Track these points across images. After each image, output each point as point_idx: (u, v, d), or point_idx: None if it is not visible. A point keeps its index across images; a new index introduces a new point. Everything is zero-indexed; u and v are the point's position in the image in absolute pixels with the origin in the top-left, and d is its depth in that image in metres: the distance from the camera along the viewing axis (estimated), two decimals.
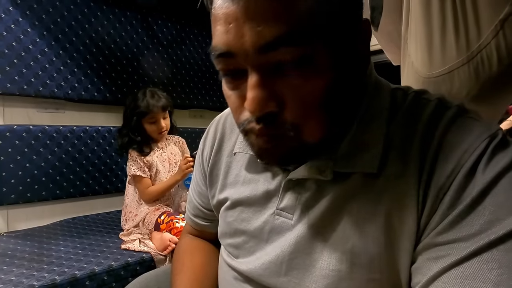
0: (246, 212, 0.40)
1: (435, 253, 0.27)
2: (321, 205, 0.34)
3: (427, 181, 0.29)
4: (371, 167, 0.31)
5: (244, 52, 0.27)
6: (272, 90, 0.28)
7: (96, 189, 1.59)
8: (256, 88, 0.27)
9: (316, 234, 0.34)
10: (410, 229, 0.29)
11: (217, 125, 0.48)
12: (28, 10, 1.33)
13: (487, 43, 0.52)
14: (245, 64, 0.28)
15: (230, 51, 0.27)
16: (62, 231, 1.35)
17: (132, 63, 1.68)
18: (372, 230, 0.31)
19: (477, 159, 0.27)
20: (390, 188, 0.30)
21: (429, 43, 0.58)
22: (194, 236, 0.56)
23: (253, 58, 0.27)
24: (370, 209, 0.31)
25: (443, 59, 0.56)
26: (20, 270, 0.98)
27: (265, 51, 0.26)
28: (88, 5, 1.51)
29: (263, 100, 0.27)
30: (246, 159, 0.42)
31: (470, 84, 0.55)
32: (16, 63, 1.32)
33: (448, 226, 0.27)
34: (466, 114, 0.31)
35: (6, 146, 1.31)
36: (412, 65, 0.63)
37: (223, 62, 0.29)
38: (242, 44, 0.26)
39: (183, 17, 1.88)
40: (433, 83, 0.58)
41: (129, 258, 1.12)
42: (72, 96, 1.49)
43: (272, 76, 0.27)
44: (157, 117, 1.28)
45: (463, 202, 0.26)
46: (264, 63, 0.27)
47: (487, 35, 0.51)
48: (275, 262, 0.36)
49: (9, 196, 1.33)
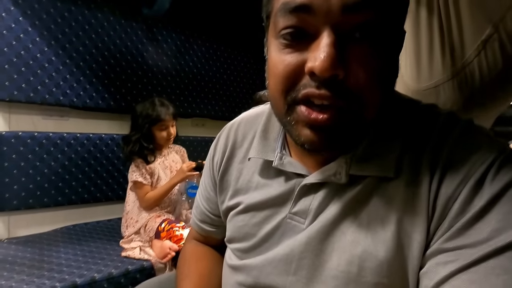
0: (257, 216, 0.41)
1: (443, 258, 0.28)
2: (334, 208, 0.34)
3: (437, 189, 0.30)
4: (388, 171, 0.32)
5: (328, 9, 0.26)
6: (342, 54, 0.27)
7: (98, 196, 1.60)
8: (331, 47, 0.27)
9: (327, 235, 0.34)
10: (420, 235, 0.30)
11: (229, 132, 0.48)
12: (37, 20, 1.37)
13: (470, 61, 0.54)
14: (323, 23, 0.27)
15: (310, 6, 0.27)
16: (63, 238, 1.35)
17: (136, 72, 1.71)
18: (382, 234, 0.31)
19: (486, 171, 0.28)
20: (402, 194, 0.31)
21: (417, 59, 0.61)
22: (200, 242, 0.56)
23: (336, 17, 0.26)
24: (381, 213, 0.32)
25: (430, 75, 0.59)
26: (21, 276, 0.98)
27: (350, 11, 0.26)
28: (95, 16, 1.55)
29: (336, 60, 0.27)
30: (258, 165, 0.42)
31: (455, 97, 0.57)
32: (23, 71, 1.35)
33: (457, 232, 0.28)
34: (476, 129, 0.32)
35: (11, 152, 1.33)
36: (402, 77, 0.66)
37: (295, 17, 0.28)
38: (327, 1, 0.26)
39: (187, 28, 1.92)
40: (421, 95, 0.61)
41: (129, 265, 1.12)
42: (77, 103, 1.51)
43: (345, 41, 0.27)
44: (167, 124, 1.34)
45: (472, 211, 0.27)
46: (344, 24, 0.27)
47: (470, 54, 0.54)
48: (284, 261, 0.36)
49: (11, 202, 1.34)
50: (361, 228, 0.33)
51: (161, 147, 1.39)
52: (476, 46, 0.54)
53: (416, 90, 0.62)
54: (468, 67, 0.55)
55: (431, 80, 0.60)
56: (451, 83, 0.57)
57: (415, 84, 0.63)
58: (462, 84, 0.57)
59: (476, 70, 0.55)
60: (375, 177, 0.33)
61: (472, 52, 0.54)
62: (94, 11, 1.54)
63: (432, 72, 0.59)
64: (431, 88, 0.60)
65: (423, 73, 0.61)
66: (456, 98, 0.58)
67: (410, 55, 0.63)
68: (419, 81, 0.62)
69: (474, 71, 0.55)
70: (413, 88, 0.63)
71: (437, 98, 0.60)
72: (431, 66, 0.59)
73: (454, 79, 0.57)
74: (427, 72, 0.60)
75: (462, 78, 0.56)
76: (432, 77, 0.59)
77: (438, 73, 0.58)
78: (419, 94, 0.62)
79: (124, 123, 1.71)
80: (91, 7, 1.53)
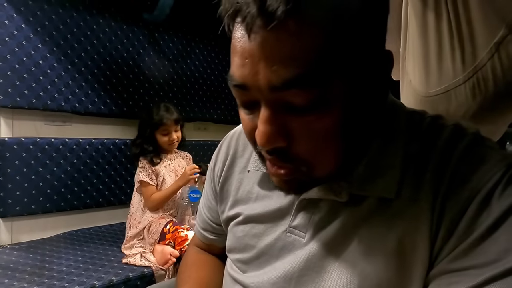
0: (257, 228, 0.41)
1: (448, 279, 0.27)
2: (334, 226, 0.34)
3: (442, 207, 0.29)
4: (389, 192, 0.31)
5: (258, 88, 0.27)
6: (282, 126, 0.28)
7: (100, 201, 1.60)
8: (266, 123, 0.27)
9: (327, 254, 0.34)
10: (423, 254, 0.29)
11: (230, 141, 0.48)
12: (39, 27, 1.38)
13: (482, 65, 0.52)
14: (259, 98, 0.28)
15: (245, 85, 0.28)
16: (65, 243, 1.36)
17: (138, 77, 1.72)
18: (383, 254, 0.31)
19: (493, 187, 0.27)
20: (404, 212, 0.30)
21: (426, 63, 0.58)
22: (202, 249, 0.56)
23: (266, 94, 0.27)
24: (382, 233, 0.31)
25: (440, 79, 0.57)
26: (21, 284, 0.98)
27: (277, 90, 0.26)
28: (97, 22, 1.55)
29: (272, 135, 0.27)
30: (259, 176, 0.42)
31: (467, 103, 0.55)
32: (26, 78, 1.35)
33: (462, 253, 0.27)
34: (482, 143, 0.31)
35: (14, 158, 1.33)
36: (410, 83, 0.63)
37: (239, 92, 0.29)
38: (256, 81, 0.26)
39: (188, 32, 1.92)
40: (430, 102, 0.59)
41: (129, 273, 1.11)
42: (79, 109, 1.52)
43: (283, 112, 0.27)
44: (170, 130, 1.38)
45: (478, 230, 0.26)
46: (276, 100, 0.27)
47: (482, 57, 0.52)
48: (284, 278, 0.36)
49: (14, 208, 1.35)
50: (362, 247, 0.32)
51: (166, 151, 1.43)
52: (488, 48, 0.51)
53: (425, 95, 0.60)
54: (480, 71, 0.53)
55: (441, 85, 0.57)
56: (462, 88, 0.55)
57: (424, 90, 0.60)
58: (474, 89, 0.54)
59: (490, 74, 0.52)
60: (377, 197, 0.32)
61: (484, 55, 0.52)
62: (95, 17, 1.55)
63: (441, 77, 0.57)
64: (441, 94, 0.58)
65: (432, 78, 0.59)
66: (469, 104, 0.55)
67: (418, 59, 0.60)
68: (428, 86, 0.59)
69: (488, 75, 0.52)
70: (422, 94, 0.61)
71: (448, 104, 0.57)
72: (440, 71, 0.57)
73: (466, 83, 0.54)
74: (436, 77, 0.58)
75: (475, 82, 0.54)
76: (442, 82, 0.57)
77: (449, 78, 0.56)
78: (428, 101, 0.60)
79: (126, 128, 1.72)
80: (93, 13, 1.54)
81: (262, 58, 0.25)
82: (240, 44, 0.27)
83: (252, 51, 0.26)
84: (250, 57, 0.26)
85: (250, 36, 0.25)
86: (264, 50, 0.25)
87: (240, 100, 0.30)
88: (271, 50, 0.25)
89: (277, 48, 0.25)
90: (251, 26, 0.25)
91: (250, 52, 0.26)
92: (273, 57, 0.25)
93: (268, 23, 0.24)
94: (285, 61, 0.25)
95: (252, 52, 0.26)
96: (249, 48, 0.26)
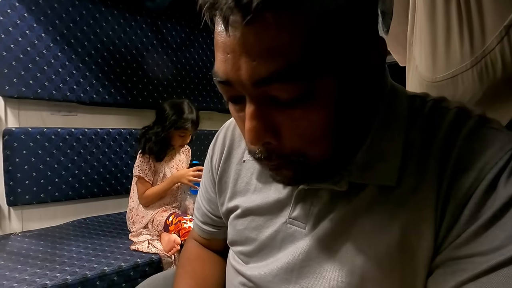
0: (257, 220, 0.40)
1: (453, 266, 0.27)
2: (335, 216, 0.33)
3: (446, 193, 0.28)
4: (389, 179, 0.30)
5: (241, 83, 0.26)
6: (269, 121, 0.27)
7: (107, 190, 1.62)
8: (252, 119, 0.27)
9: (328, 244, 0.33)
10: (428, 242, 0.28)
11: (226, 131, 0.47)
12: (42, 16, 1.37)
13: (491, 49, 0.51)
14: (244, 93, 0.27)
15: (228, 80, 0.27)
16: (74, 231, 1.39)
17: (142, 66, 1.71)
18: (385, 244, 0.30)
19: (499, 172, 0.26)
20: (406, 201, 0.29)
21: (433, 47, 0.57)
22: (201, 244, 0.55)
23: (249, 89, 0.26)
24: (384, 222, 0.30)
25: (447, 64, 0.56)
26: (34, 269, 1.01)
27: (260, 85, 0.25)
28: (99, 11, 1.54)
29: (259, 131, 0.27)
30: (256, 166, 0.41)
31: (474, 89, 0.54)
32: (30, 68, 1.36)
33: (468, 239, 0.26)
34: (487, 124, 0.29)
35: (21, 148, 1.35)
36: (416, 68, 0.62)
37: (224, 88, 0.29)
38: (239, 76, 0.26)
39: (191, 20, 1.90)
40: (436, 87, 0.57)
41: (138, 259, 1.14)
42: (84, 99, 1.52)
43: (269, 107, 0.27)
44: (188, 133, 1.38)
45: (484, 216, 0.26)
46: (260, 95, 0.26)
47: (491, 41, 0.50)
48: (285, 269, 0.36)
49: (24, 197, 1.38)
50: (364, 237, 0.31)
51: (172, 148, 1.42)
52: (498, 32, 0.49)
53: (431, 81, 0.59)
54: (489, 55, 0.51)
55: (448, 70, 0.56)
56: (470, 73, 0.53)
57: (430, 75, 0.59)
58: (482, 74, 0.52)
59: (499, 59, 0.50)
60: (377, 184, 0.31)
61: (493, 39, 0.50)
62: (98, 5, 1.53)
63: (449, 61, 0.55)
64: (448, 79, 0.56)
65: (439, 62, 0.57)
66: (476, 89, 0.54)
67: (425, 44, 0.59)
68: (435, 71, 0.58)
69: (496, 60, 0.51)
70: (428, 79, 0.59)
71: (455, 89, 0.56)
72: (448, 55, 0.55)
73: (474, 68, 0.53)
74: (443, 62, 0.56)
75: (483, 67, 0.52)
76: (449, 67, 0.56)
77: (456, 62, 0.54)
78: (434, 86, 0.58)
79: (131, 118, 1.72)
80: (95, 1, 1.52)
81: (242, 53, 0.24)
82: (221, 39, 0.26)
83: (233, 45, 0.25)
84: (232, 52, 0.25)
85: (229, 31, 0.24)
86: (244, 45, 0.24)
87: (227, 95, 0.29)
88: (251, 44, 0.24)
89: (257, 42, 0.24)
90: (228, 20, 0.24)
91: (231, 47, 0.25)
92: (253, 52, 0.24)
93: (245, 16, 0.23)
94: (265, 55, 0.24)
95: (233, 47, 0.25)
96: (229, 43, 0.25)
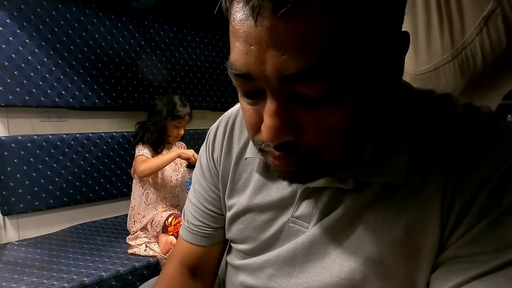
0: (257, 220, 0.39)
1: (458, 264, 0.26)
2: (338, 212, 0.33)
3: (453, 191, 0.27)
4: (398, 177, 0.29)
5: (265, 78, 0.24)
6: (290, 119, 0.25)
7: (102, 194, 1.62)
8: (274, 116, 0.25)
9: (330, 240, 0.33)
10: (433, 240, 0.28)
11: (226, 125, 0.45)
12: (25, 22, 1.34)
13: (471, 40, 0.51)
14: (265, 88, 0.25)
15: (249, 74, 0.25)
16: (71, 237, 1.38)
17: (131, 68, 1.69)
18: (390, 240, 0.30)
19: (508, 170, 0.26)
20: (413, 198, 0.29)
21: (414, 40, 0.57)
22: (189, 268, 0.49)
23: (274, 85, 0.24)
24: (389, 219, 0.30)
25: (429, 57, 0.56)
26: (31, 278, 1.00)
27: (288, 82, 0.23)
28: (84, 13, 1.51)
29: (281, 129, 0.25)
30: (257, 163, 0.40)
31: (456, 81, 0.54)
32: (16, 75, 1.33)
33: (474, 238, 0.26)
34: (496, 122, 0.29)
35: (12, 157, 1.34)
36: None
37: (242, 82, 0.26)
38: (263, 71, 0.23)
39: (179, 19, 1.87)
40: (419, 80, 0.58)
41: (136, 262, 1.14)
42: (73, 104, 1.50)
43: (291, 105, 0.25)
44: (183, 124, 1.43)
45: (492, 215, 0.25)
46: (285, 91, 0.24)
47: (471, 32, 0.50)
48: (288, 263, 0.36)
49: (18, 206, 1.36)
50: (367, 234, 0.31)
51: (168, 142, 1.46)
52: (477, 23, 0.50)
53: (414, 74, 0.59)
54: (469, 47, 0.51)
55: (430, 63, 0.56)
56: (451, 65, 0.54)
57: (413, 68, 0.59)
58: (463, 66, 0.53)
59: (478, 50, 0.51)
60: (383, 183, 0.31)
61: (473, 30, 0.50)
62: (82, 8, 1.50)
63: (430, 54, 0.56)
64: (430, 72, 0.57)
65: (421, 55, 0.57)
66: (457, 81, 0.54)
67: None
68: (417, 64, 0.58)
69: (476, 51, 0.51)
70: (411, 72, 0.60)
71: (437, 82, 0.56)
72: (429, 48, 0.56)
73: (455, 60, 0.53)
74: (425, 54, 0.57)
75: (463, 59, 0.53)
76: (431, 60, 0.56)
77: (437, 55, 0.55)
78: (417, 79, 0.59)
79: (123, 120, 1.71)
80: (79, 4, 1.49)
81: (270, 45, 0.22)
82: (243, 28, 0.23)
83: (259, 36, 0.22)
84: (256, 44, 0.23)
85: (257, 20, 0.22)
86: (274, 37, 0.22)
87: (243, 89, 0.27)
88: (282, 36, 0.22)
89: (289, 35, 0.22)
90: (259, 8, 0.22)
91: (257, 38, 0.23)
92: (284, 45, 0.22)
93: (280, 7, 0.21)
94: (297, 49, 0.22)
95: (259, 38, 0.22)
96: (255, 34, 0.23)
